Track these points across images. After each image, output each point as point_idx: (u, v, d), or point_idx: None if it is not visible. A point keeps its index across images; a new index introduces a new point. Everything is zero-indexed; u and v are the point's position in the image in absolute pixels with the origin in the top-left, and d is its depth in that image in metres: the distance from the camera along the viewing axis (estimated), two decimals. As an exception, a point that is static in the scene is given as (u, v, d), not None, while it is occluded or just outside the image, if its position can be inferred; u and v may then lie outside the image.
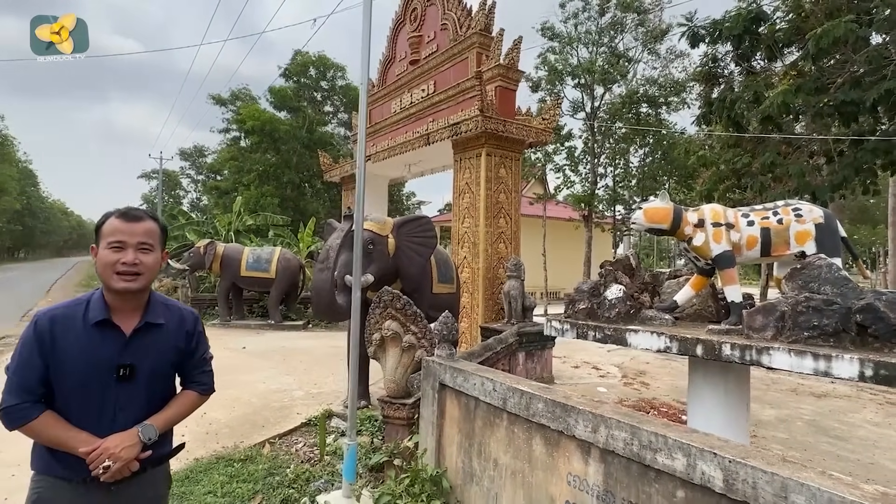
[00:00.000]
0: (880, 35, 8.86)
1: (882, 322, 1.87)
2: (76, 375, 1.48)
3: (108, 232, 1.54)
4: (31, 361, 1.45)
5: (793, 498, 1.58)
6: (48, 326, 1.47)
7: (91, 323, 1.51)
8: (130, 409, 1.57)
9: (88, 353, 1.49)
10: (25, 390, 1.44)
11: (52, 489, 1.50)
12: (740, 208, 2.70)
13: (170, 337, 1.65)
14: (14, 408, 1.43)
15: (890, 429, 5.58)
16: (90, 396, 1.51)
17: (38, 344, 1.45)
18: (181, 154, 48.77)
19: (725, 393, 2.68)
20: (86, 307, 1.53)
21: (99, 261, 1.54)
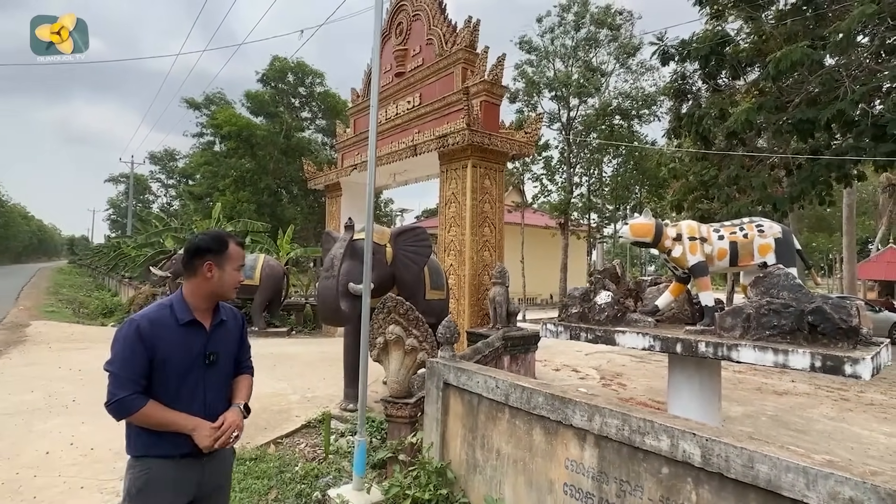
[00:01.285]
0: (833, 58, 9.60)
1: (829, 322, 2.24)
2: (175, 365, 1.77)
3: (237, 256, 1.93)
4: (137, 357, 1.70)
5: (758, 467, 1.91)
6: (149, 327, 1.74)
7: (181, 323, 1.81)
8: (214, 389, 1.90)
9: (183, 346, 1.79)
10: (134, 382, 1.69)
11: (159, 468, 1.74)
12: (712, 224, 3.07)
13: (232, 330, 2.00)
14: (127, 398, 1.67)
15: (844, 422, 6.10)
16: (186, 381, 1.80)
17: (142, 342, 1.70)
18: (151, 158, 47.70)
19: (700, 386, 3.04)
20: (171, 310, 1.82)
21: (228, 277, 1.89)
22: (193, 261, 1.85)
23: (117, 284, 20.86)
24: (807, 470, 1.79)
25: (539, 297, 24.19)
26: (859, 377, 2.11)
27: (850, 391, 7.81)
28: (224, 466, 1.98)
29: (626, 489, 2.38)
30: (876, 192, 26.49)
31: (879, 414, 6.52)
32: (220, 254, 1.87)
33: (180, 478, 1.78)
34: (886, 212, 24.59)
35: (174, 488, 1.77)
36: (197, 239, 1.90)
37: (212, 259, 1.85)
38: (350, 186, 11.95)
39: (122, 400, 1.67)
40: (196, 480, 1.82)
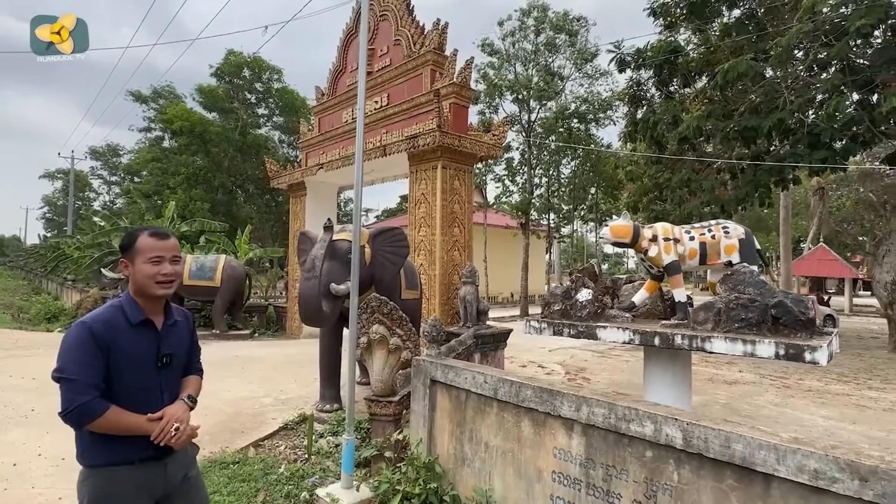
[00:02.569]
0: (773, 71, 10.35)
1: (790, 314, 2.50)
2: (130, 367, 1.72)
3: (147, 248, 1.81)
4: (94, 361, 1.63)
5: (734, 446, 2.11)
6: (103, 329, 1.67)
7: (134, 323, 1.76)
8: (171, 390, 1.87)
9: (137, 347, 1.75)
10: (93, 386, 1.61)
11: (117, 475, 1.69)
12: (684, 226, 3.34)
13: (184, 330, 1.98)
14: (88, 404, 1.58)
15: (787, 408, 6.63)
16: (142, 383, 1.76)
17: (97, 345, 1.64)
18: (92, 153, 44.94)
19: (673, 376, 3.28)
20: (122, 311, 1.77)
21: (139, 273, 1.79)
22: (119, 259, 1.90)
23: (59, 288, 19.63)
24: (777, 447, 2.00)
25: (500, 296, 24.62)
26: (817, 363, 2.38)
27: (791, 379, 8.46)
28: (186, 469, 1.92)
29: (613, 473, 2.55)
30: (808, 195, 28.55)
31: (817, 399, 7.11)
32: (129, 249, 1.81)
33: (142, 483, 1.74)
34: (817, 213, 26.59)
35: (137, 492, 1.72)
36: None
37: (125, 256, 1.82)
38: (315, 186, 11.79)
39: (83, 406, 1.57)
40: (160, 482, 1.79)
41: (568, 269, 43.10)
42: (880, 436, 5.54)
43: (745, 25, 11.10)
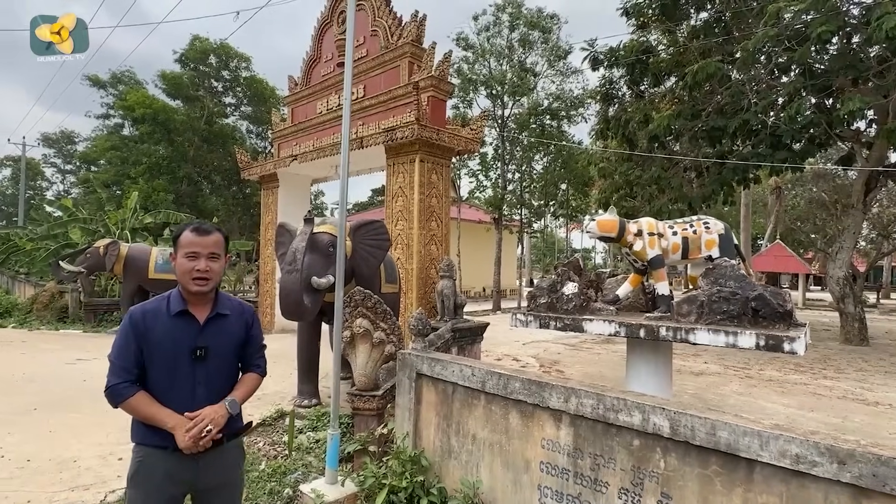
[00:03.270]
0: (739, 74, 10.73)
1: (769, 307, 2.62)
2: (163, 356, 1.77)
3: (185, 244, 1.84)
4: (128, 347, 1.74)
5: (719, 434, 2.19)
6: (141, 317, 1.77)
7: (172, 313, 1.80)
8: (206, 385, 1.85)
9: (171, 337, 1.78)
10: (125, 371, 1.72)
11: (151, 456, 1.77)
12: (667, 221, 3.43)
13: (234, 325, 1.94)
14: (116, 387, 1.70)
15: (750, 397, 6.92)
16: (174, 374, 1.79)
17: (134, 332, 1.74)
18: (45, 140, 42.66)
19: (656, 366, 3.38)
20: (167, 301, 1.83)
21: (178, 267, 1.84)
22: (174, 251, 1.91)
23: (10, 281, 18.61)
24: (760, 433, 2.09)
25: (472, 290, 24.76)
26: (795, 352, 2.50)
27: (753, 370, 8.84)
28: (226, 462, 1.90)
29: (600, 462, 2.61)
30: (766, 194, 29.78)
31: (778, 388, 7.46)
32: (174, 243, 1.89)
33: (172, 470, 1.77)
34: (774, 212, 27.79)
35: (165, 479, 1.77)
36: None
37: (174, 249, 1.88)
38: (288, 178, 11.54)
39: (113, 388, 1.70)
40: (190, 476, 1.80)
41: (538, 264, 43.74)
42: (836, 422, 5.86)
43: (712, 28, 11.45)
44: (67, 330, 10.98)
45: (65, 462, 3.59)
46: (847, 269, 11.95)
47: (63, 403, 5.14)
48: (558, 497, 2.74)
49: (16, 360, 6.90)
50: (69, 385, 5.98)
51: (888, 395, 7.13)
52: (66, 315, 11.93)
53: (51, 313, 11.95)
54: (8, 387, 5.69)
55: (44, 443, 4.00)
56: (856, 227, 12.15)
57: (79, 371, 6.82)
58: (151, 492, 1.76)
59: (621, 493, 2.51)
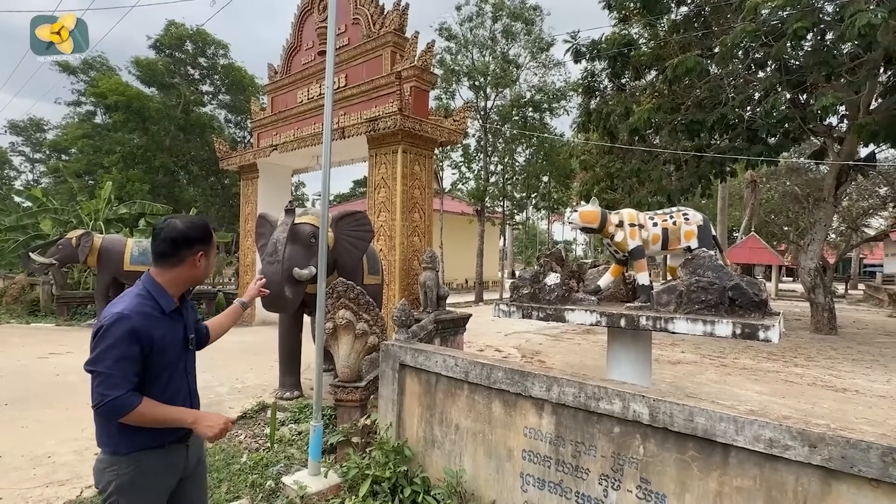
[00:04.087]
0: (718, 68, 10.88)
1: (745, 296, 2.68)
2: (164, 355, 1.74)
3: (215, 243, 1.96)
4: (131, 355, 1.63)
5: (697, 420, 2.25)
6: (142, 323, 1.67)
7: (167, 312, 1.78)
8: (193, 374, 1.94)
9: (170, 335, 1.78)
10: (126, 381, 1.62)
11: (149, 459, 1.74)
12: (647, 212, 3.48)
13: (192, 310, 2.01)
14: (120, 398, 1.59)
15: (725, 385, 7.11)
16: (174, 371, 1.80)
17: (138, 339, 1.65)
18: (11, 127, 41.07)
19: (635, 355, 3.45)
20: (153, 301, 1.76)
21: (210, 266, 1.91)
22: (181, 250, 1.79)
23: (-24, 274, 17.98)
24: (736, 419, 2.15)
25: (455, 282, 24.82)
26: (770, 340, 2.57)
27: (728, 358, 9.07)
28: (199, 451, 2.00)
29: (581, 450, 2.65)
30: (741, 188, 30.43)
31: (751, 376, 7.67)
32: (209, 242, 1.87)
33: (170, 465, 1.80)
34: (749, 204, 28.43)
35: (166, 474, 1.80)
36: (183, 227, 1.81)
37: (202, 248, 1.84)
38: (268, 168, 11.37)
39: (116, 400, 1.59)
40: (183, 464, 1.86)
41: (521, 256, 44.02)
42: (806, 408, 6.06)
43: (692, 23, 11.59)
44: (39, 324, 10.67)
45: (38, 458, 3.51)
46: (818, 260, 12.31)
47: (36, 399, 5.00)
48: (540, 484, 2.78)
49: (-15, 355, 6.70)
50: (42, 380, 5.82)
51: (855, 382, 7.40)
52: (37, 308, 11.60)
53: (21, 307, 11.60)
54: (-22, 382, 5.52)
55: (16, 439, 3.90)
56: (827, 219, 12.50)
57: (51, 365, 6.65)
58: (157, 492, 1.78)
59: (602, 479, 2.56)
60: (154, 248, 1.81)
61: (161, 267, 1.80)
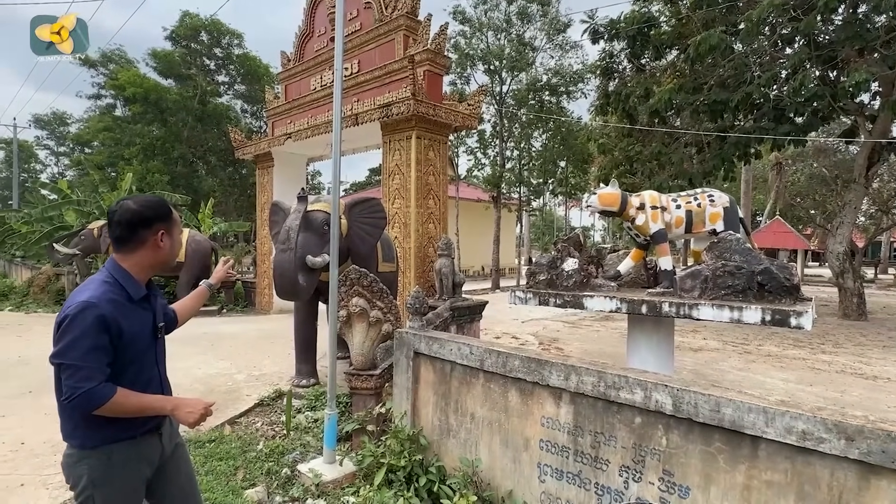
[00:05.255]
0: (743, 45, 10.47)
1: (775, 280, 2.54)
2: (134, 344, 1.67)
3: (177, 221, 1.85)
4: (102, 345, 1.56)
5: (723, 410, 2.14)
6: (112, 310, 1.59)
7: (136, 299, 1.71)
8: (163, 362, 1.88)
9: (139, 323, 1.71)
10: (99, 371, 1.54)
11: (122, 451, 1.67)
12: (670, 194, 3.33)
13: (159, 297, 1.92)
14: (94, 390, 1.52)
15: (749, 372, 6.93)
16: (142, 357, 1.74)
17: (107, 328, 1.57)
18: (36, 121, 41.99)
19: (657, 343, 3.33)
20: (120, 287, 1.67)
21: (177, 245, 1.84)
22: (139, 231, 1.70)
23: (6, 265, 18.52)
24: (766, 409, 2.03)
25: (471, 269, 24.73)
26: (802, 327, 2.43)
27: (752, 345, 8.85)
28: (173, 426, 1.92)
29: (601, 440, 2.57)
30: (766, 170, 29.55)
31: (776, 364, 7.46)
32: (169, 219, 1.78)
33: (143, 455, 1.74)
34: (774, 187, 27.60)
35: (139, 465, 1.73)
36: (138, 207, 1.70)
37: (162, 226, 1.75)
38: (283, 156, 11.36)
39: (90, 392, 1.51)
40: (158, 452, 1.81)
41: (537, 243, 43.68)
42: (835, 396, 5.86)
43: (715, -2, 11.12)
44: (65, 312, 10.91)
45: (58, 445, 3.51)
46: (847, 244, 11.89)
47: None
48: (558, 475, 2.72)
49: (11, 344, 6.85)
50: (66, 367, 5.93)
51: (886, 370, 7.14)
52: (62, 297, 11.86)
53: (47, 296, 11.89)
54: (2, 370, 5.65)
55: (38, 426, 3.97)
56: (857, 202, 12.04)
57: (76, 353, 6.77)
58: (132, 483, 1.71)
59: (622, 471, 2.48)
60: (111, 234, 1.72)
61: (122, 252, 1.71)
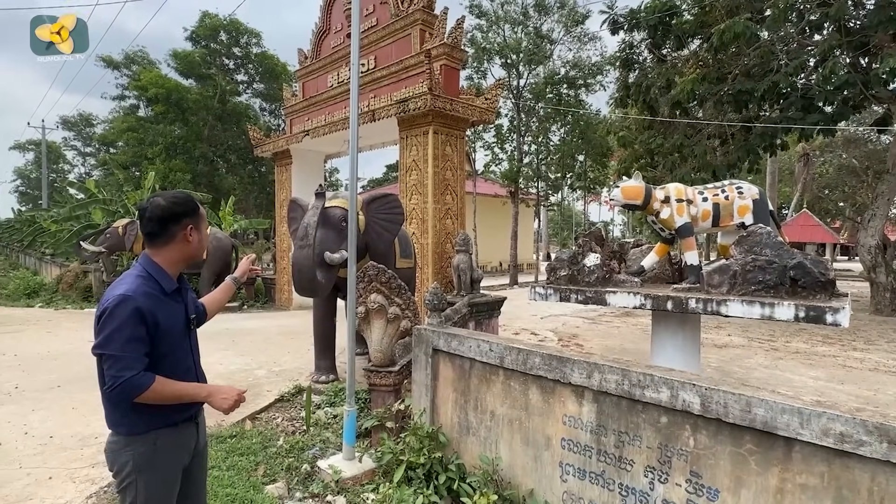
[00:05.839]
0: (769, 33, 10.14)
1: (809, 275, 2.43)
2: (169, 335, 1.73)
3: (204, 215, 1.93)
4: (139, 336, 1.62)
5: (755, 411, 2.06)
6: (147, 304, 1.65)
7: (168, 292, 1.77)
8: (197, 353, 1.94)
9: (175, 316, 1.78)
10: (139, 361, 1.62)
11: (165, 438, 1.74)
12: (697, 186, 3.22)
13: (190, 291, 1.97)
14: (133, 378, 1.59)
15: (777, 370, 6.73)
16: (179, 350, 1.80)
17: (143, 320, 1.63)
18: (64, 123, 43.11)
19: (683, 340, 3.24)
20: (154, 281, 1.75)
21: (205, 239, 1.92)
22: (169, 226, 1.77)
23: (37, 263, 19.08)
24: (801, 410, 1.94)
25: (489, 265, 24.64)
26: (839, 324, 2.32)
27: (779, 342, 8.60)
28: (204, 424, 2.01)
29: (625, 440, 2.50)
30: (792, 162, 28.73)
31: (805, 361, 7.24)
32: (196, 214, 1.85)
33: (182, 443, 1.82)
34: (801, 179, 26.83)
35: (180, 452, 1.81)
36: (167, 203, 1.78)
37: (190, 221, 1.82)
38: (301, 154, 11.44)
39: (130, 380, 1.58)
40: (194, 441, 1.87)
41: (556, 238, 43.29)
42: (868, 395, 5.65)
43: (741, -16, 10.78)
44: (92, 309, 11.20)
45: (86, 438, 3.64)
46: (879, 237, 11.47)
47: (85, 381, 5.21)
48: (581, 474, 2.66)
49: (41, 339, 7.05)
50: (92, 362, 6.02)
51: (923, 367, 6.86)
52: (90, 294, 12.18)
53: (76, 293, 12.21)
54: (32, 365, 5.80)
55: (67, 420, 4.06)
56: (890, 193, 11.60)
57: (102, 349, 6.92)
58: (172, 471, 1.78)
59: (647, 472, 2.41)
60: (143, 229, 1.79)
61: (154, 247, 1.79)
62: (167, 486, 1.77)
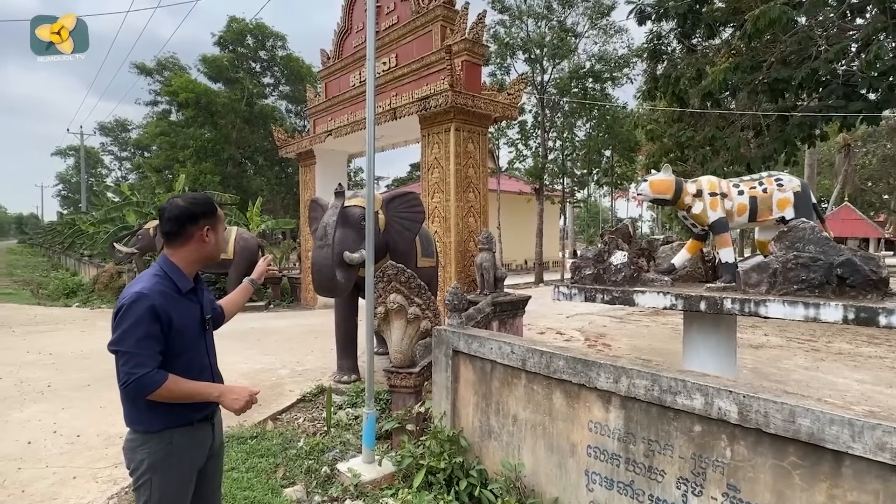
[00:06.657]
0: (807, 18, 9.66)
1: (859, 274, 2.24)
2: (183, 334, 1.74)
3: (222, 217, 1.93)
4: (154, 334, 1.64)
5: (800, 421, 1.89)
6: (162, 302, 1.67)
7: (184, 292, 1.79)
8: (214, 354, 1.95)
9: (189, 315, 1.80)
10: (151, 359, 1.63)
11: (181, 436, 1.75)
12: (731, 179, 3.03)
13: (206, 291, 1.99)
14: (147, 376, 1.60)
15: (818, 371, 6.39)
16: (195, 350, 1.82)
17: (157, 318, 1.65)
18: (101, 129, 44.78)
19: (717, 342, 3.06)
20: (170, 280, 1.76)
21: (221, 240, 1.92)
22: (186, 227, 1.79)
23: (76, 263, 19.84)
24: (852, 422, 1.78)
25: (514, 263, 24.40)
26: (894, 327, 2.12)
27: (819, 342, 8.20)
28: (221, 423, 2.01)
29: (656, 448, 2.36)
30: (832, 153, 27.50)
31: (849, 362, 6.86)
32: (213, 216, 1.86)
33: (198, 442, 1.82)
34: (842, 171, 25.64)
35: (195, 452, 1.81)
36: (185, 203, 1.80)
37: (207, 222, 1.83)
38: (324, 154, 11.50)
39: (143, 378, 1.60)
40: (210, 442, 1.88)
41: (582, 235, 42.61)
42: (920, 400, 5.30)
43: (776, -32, 10.30)
44: (126, 308, 11.52)
45: (111, 438, 3.68)
46: (930, 231, 10.81)
47: (113, 379, 5.29)
48: (608, 483, 2.53)
49: (75, 338, 7.26)
50: (123, 361, 6.21)
51: (980, 370, 6.41)
52: (124, 294, 12.55)
53: (111, 292, 12.60)
54: (65, 363, 5.96)
55: (94, 419, 4.13)
56: (941, 184, 10.92)
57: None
58: (186, 470, 1.79)
59: (680, 483, 2.26)
60: (161, 229, 1.82)
61: (172, 247, 1.81)
62: (181, 486, 1.78)
